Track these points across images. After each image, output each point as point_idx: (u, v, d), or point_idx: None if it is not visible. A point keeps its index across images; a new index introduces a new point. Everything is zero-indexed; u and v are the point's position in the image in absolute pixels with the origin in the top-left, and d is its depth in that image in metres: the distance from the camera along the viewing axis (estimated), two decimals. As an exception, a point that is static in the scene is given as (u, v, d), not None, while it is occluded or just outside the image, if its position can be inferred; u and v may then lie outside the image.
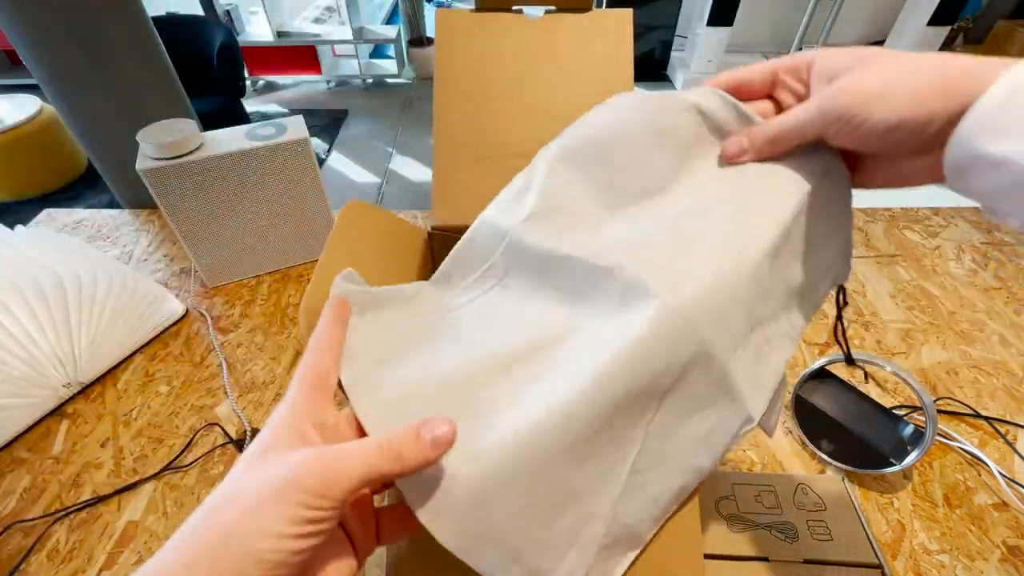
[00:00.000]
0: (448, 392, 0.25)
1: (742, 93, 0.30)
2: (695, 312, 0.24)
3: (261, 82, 3.34)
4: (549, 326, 0.27)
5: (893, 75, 0.23)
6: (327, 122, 2.91)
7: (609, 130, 0.30)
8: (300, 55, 3.23)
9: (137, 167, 0.58)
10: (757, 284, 0.26)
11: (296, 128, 0.65)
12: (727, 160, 0.29)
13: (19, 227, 0.68)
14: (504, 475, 0.22)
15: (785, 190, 0.28)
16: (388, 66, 3.38)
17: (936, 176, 0.23)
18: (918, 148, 0.23)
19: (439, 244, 0.56)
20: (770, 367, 0.27)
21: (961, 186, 0.22)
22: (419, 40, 3.33)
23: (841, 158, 0.28)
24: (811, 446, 0.50)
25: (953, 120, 0.21)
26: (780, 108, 0.30)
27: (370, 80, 3.36)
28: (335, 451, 0.20)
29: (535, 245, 0.28)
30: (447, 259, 0.32)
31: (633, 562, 0.27)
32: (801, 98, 0.28)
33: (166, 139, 0.58)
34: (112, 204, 1.11)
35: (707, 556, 0.40)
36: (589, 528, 0.24)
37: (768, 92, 0.30)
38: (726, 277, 0.25)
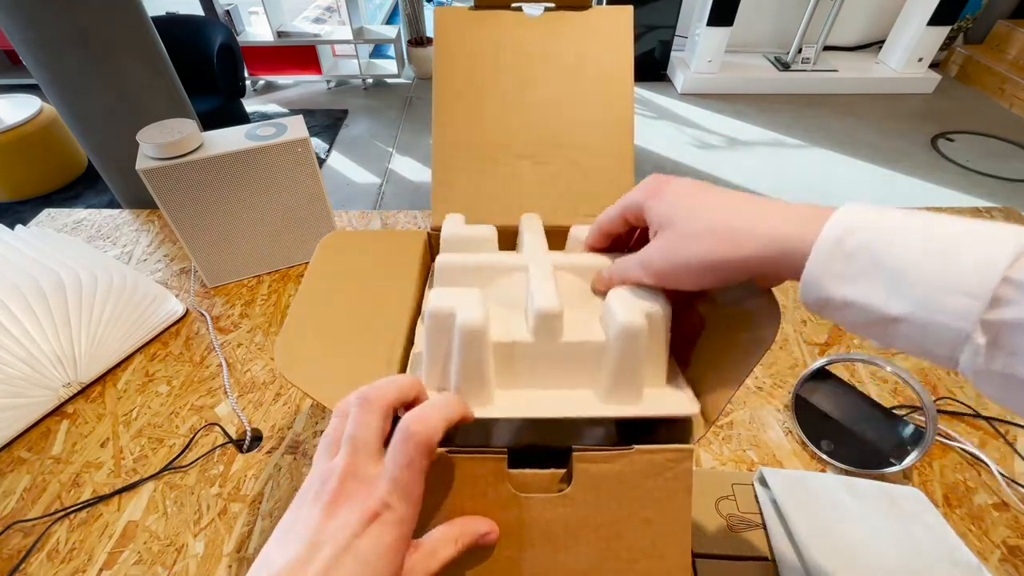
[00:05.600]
0: None
1: (610, 239, 0.35)
2: None
3: (261, 82, 3.35)
4: None
5: (704, 244, 0.26)
6: (327, 122, 2.91)
7: None
8: (300, 55, 3.23)
9: (137, 167, 0.58)
10: None
11: (296, 128, 0.65)
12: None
13: (19, 227, 0.68)
14: None
15: None
16: (388, 66, 3.38)
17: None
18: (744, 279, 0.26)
19: (439, 244, 0.56)
20: None
21: (827, 317, 0.23)
22: (419, 40, 3.33)
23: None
24: (811, 446, 0.50)
25: (774, 262, 0.24)
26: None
27: (370, 80, 3.36)
28: None
29: None
30: None
31: None
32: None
33: (166, 139, 0.58)
34: (112, 204, 1.11)
35: (707, 556, 0.40)
36: None
37: (630, 227, 0.34)
38: None
